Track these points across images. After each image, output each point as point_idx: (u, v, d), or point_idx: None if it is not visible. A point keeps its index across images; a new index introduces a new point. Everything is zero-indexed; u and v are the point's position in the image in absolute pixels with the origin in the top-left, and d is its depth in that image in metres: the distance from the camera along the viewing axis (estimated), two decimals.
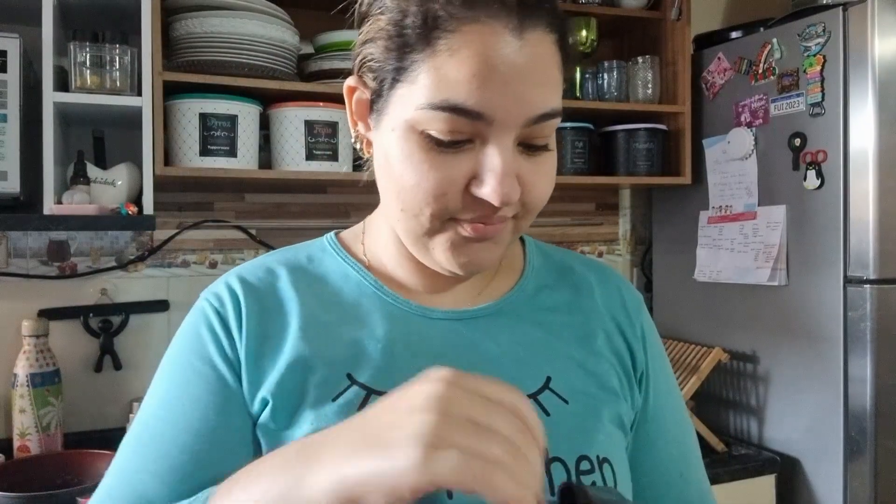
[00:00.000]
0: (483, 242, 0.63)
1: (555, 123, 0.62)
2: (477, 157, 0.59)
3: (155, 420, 0.66)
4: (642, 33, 2.20)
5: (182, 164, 1.60)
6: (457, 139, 0.59)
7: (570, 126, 1.99)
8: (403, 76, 0.60)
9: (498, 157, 0.58)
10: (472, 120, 0.58)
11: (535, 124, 0.60)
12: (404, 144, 0.60)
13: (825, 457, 1.76)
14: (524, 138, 0.61)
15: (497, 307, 0.72)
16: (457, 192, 0.60)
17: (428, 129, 0.59)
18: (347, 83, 0.68)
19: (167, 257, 1.84)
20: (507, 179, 0.58)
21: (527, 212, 0.64)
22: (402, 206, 0.63)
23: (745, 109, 1.96)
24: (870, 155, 1.65)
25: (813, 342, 1.78)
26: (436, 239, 0.63)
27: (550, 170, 0.65)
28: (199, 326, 0.69)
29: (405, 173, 0.61)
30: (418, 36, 0.59)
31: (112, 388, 1.76)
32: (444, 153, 0.59)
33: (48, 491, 1.36)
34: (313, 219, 1.99)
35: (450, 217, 0.62)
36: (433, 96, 0.58)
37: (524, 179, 0.61)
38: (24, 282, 1.71)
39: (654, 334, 0.80)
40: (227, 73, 1.59)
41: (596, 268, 0.81)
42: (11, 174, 1.42)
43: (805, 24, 1.78)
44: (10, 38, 1.42)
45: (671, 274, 2.23)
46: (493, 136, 0.59)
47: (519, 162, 0.61)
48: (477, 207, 0.61)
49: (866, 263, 1.66)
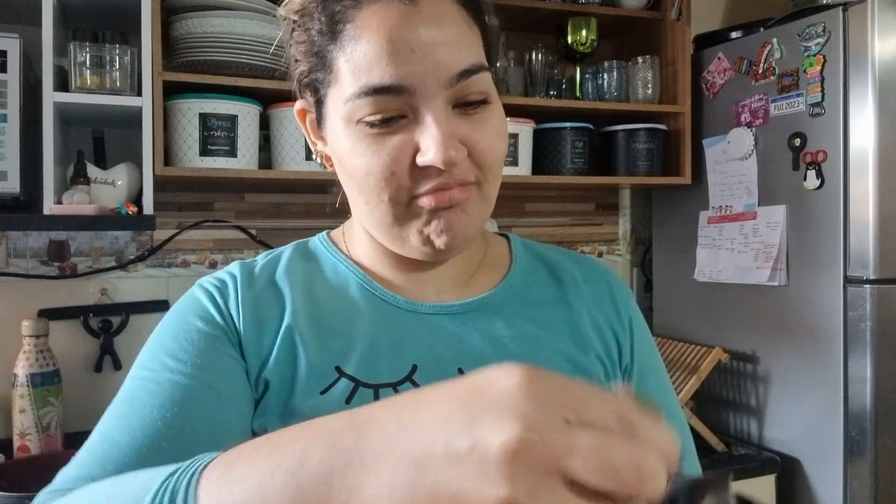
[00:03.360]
0: (451, 211, 0.63)
1: (483, 78, 0.62)
2: (414, 130, 0.61)
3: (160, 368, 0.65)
4: (642, 33, 2.20)
5: (182, 164, 1.60)
6: (389, 117, 0.60)
7: (570, 126, 1.99)
8: (330, 79, 0.63)
9: (432, 121, 0.60)
10: (396, 95, 0.59)
11: (460, 82, 0.60)
12: (347, 140, 0.63)
13: (825, 457, 1.76)
14: (456, 99, 0.61)
15: (483, 301, 0.73)
16: (405, 169, 0.61)
17: (361, 118, 0.61)
18: (296, 107, 0.71)
19: (167, 257, 1.84)
20: (446, 140, 0.59)
21: (485, 174, 0.64)
22: (364, 198, 0.64)
23: (745, 109, 1.96)
24: (870, 155, 1.65)
25: (813, 342, 1.78)
26: (407, 227, 0.64)
27: (496, 124, 0.65)
28: (200, 297, 0.69)
29: (355, 165, 0.63)
30: (327, 37, 0.62)
31: (112, 388, 1.74)
32: (383, 135, 0.61)
33: None
34: (313, 219, 1.99)
35: (410, 198, 0.62)
36: (354, 86, 0.60)
37: (468, 139, 0.62)
38: (24, 282, 1.71)
39: (642, 328, 0.80)
40: (227, 73, 1.59)
41: (583, 262, 0.82)
42: (11, 174, 1.42)
43: (805, 24, 1.78)
44: (10, 38, 1.42)
45: (671, 274, 2.23)
46: (421, 105, 0.60)
47: (458, 124, 0.62)
48: (428, 178, 0.61)
49: (866, 263, 1.66)
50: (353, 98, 0.61)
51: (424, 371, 0.68)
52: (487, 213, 0.67)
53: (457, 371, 0.68)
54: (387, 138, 0.61)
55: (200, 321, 0.67)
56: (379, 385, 0.67)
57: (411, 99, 0.60)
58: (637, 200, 2.40)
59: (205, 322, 0.67)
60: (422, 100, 0.60)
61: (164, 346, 0.66)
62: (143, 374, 0.66)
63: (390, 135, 0.61)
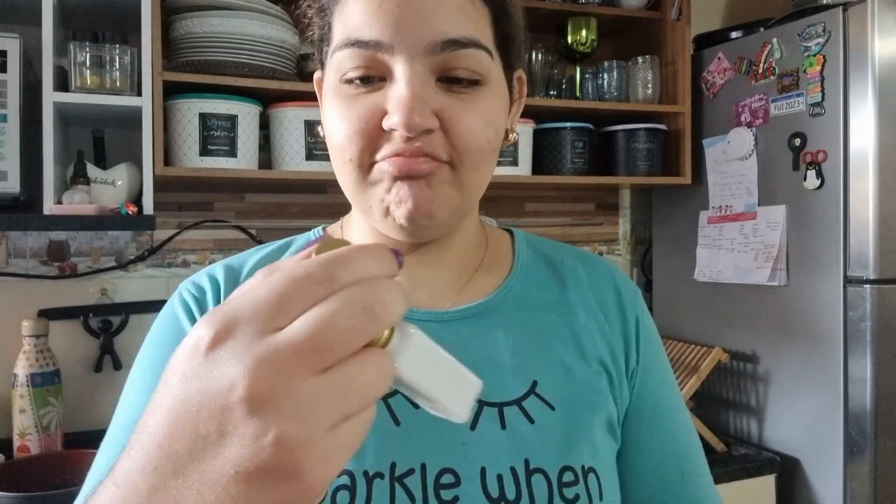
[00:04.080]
0: (415, 182, 0.59)
1: (476, 55, 0.59)
2: (388, 92, 0.58)
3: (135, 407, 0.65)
4: (642, 33, 2.20)
5: (182, 164, 1.60)
6: (368, 75, 0.59)
7: (570, 126, 1.99)
8: (330, 38, 0.62)
9: (404, 83, 0.57)
10: (374, 51, 0.57)
11: (445, 52, 0.58)
12: (331, 100, 0.62)
13: (825, 457, 1.76)
14: (441, 70, 0.59)
15: (480, 308, 0.69)
16: (370, 130, 0.59)
17: (343, 74, 0.59)
18: (315, 76, 0.69)
19: (167, 257, 1.84)
20: (413, 105, 0.56)
21: (460, 156, 0.60)
22: (335, 160, 0.63)
23: (745, 109, 1.96)
24: (870, 155, 1.65)
25: (813, 342, 1.78)
26: (369, 194, 0.61)
27: (484, 108, 0.60)
28: (178, 313, 0.68)
29: (330, 124, 0.61)
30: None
31: (112, 388, 1.76)
32: (359, 94, 0.59)
33: (48, 491, 1.36)
34: (313, 219, 1.98)
35: (371, 162, 0.60)
36: (340, 37, 0.60)
37: (445, 114, 0.58)
38: (24, 282, 1.71)
39: (649, 327, 0.76)
40: (227, 73, 1.59)
41: (589, 261, 0.78)
42: (11, 174, 1.42)
43: (805, 24, 1.78)
44: (10, 38, 1.42)
45: (671, 274, 2.23)
46: (398, 66, 0.57)
47: (439, 97, 0.58)
48: (390, 143, 0.59)
49: (866, 263, 1.66)
50: (336, 50, 0.60)
51: None
52: (463, 201, 0.62)
53: None
54: (361, 98, 0.59)
55: None
56: None
57: (390, 58, 0.57)
58: (637, 200, 2.40)
59: None
60: (398, 60, 0.57)
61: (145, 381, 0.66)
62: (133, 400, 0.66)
63: (365, 95, 0.59)
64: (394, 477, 0.61)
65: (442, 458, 0.62)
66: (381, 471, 0.61)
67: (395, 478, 0.61)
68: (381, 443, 0.61)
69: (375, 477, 0.60)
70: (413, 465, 0.61)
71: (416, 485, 0.61)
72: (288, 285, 0.33)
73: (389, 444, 0.62)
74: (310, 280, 0.33)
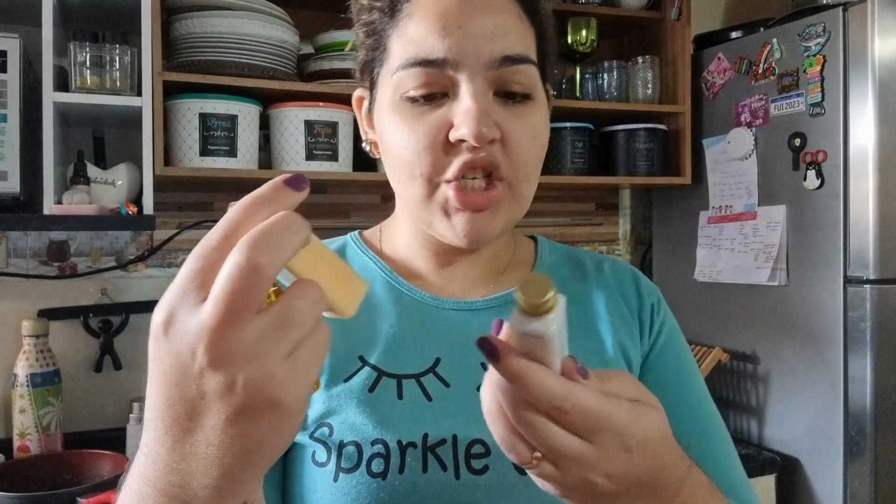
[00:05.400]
0: (480, 213, 0.64)
1: (528, 70, 0.64)
2: (452, 107, 0.63)
3: None
4: (642, 33, 2.20)
5: (182, 164, 1.60)
6: (432, 92, 0.63)
7: (570, 126, 1.99)
8: (383, 58, 0.66)
9: (469, 97, 0.61)
10: (439, 69, 0.62)
11: (503, 67, 0.62)
12: (389, 117, 0.65)
13: (825, 457, 1.76)
14: (498, 85, 0.63)
15: (505, 299, 0.73)
16: (438, 145, 0.63)
17: (405, 92, 0.63)
18: (355, 95, 0.74)
19: (167, 257, 1.84)
20: (480, 117, 0.60)
21: (515, 169, 0.64)
22: (399, 175, 0.66)
23: (745, 109, 1.96)
24: (870, 155, 1.65)
25: (813, 342, 1.78)
26: (432, 211, 0.65)
27: (534, 123, 0.66)
28: None
29: (396, 141, 0.65)
30: (387, 16, 0.66)
31: (112, 388, 1.76)
32: (423, 111, 0.63)
33: (48, 491, 1.36)
34: (313, 219, 1.96)
35: (439, 180, 0.64)
36: (402, 58, 0.63)
37: (503, 127, 0.63)
38: (24, 282, 1.71)
39: (666, 313, 0.79)
40: (227, 73, 1.59)
41: (612, 260, 0.83)
42: (11, 174, 1.42)
43: (805, 24, 1.78)
44: (10, 38, 1.41)
45: (671, 274, 2.23)
46: (462, 83, 0.62)
47: (496, 109, 0.63)
48: (459, 156, 0.62)
49: (866, 263, 1.66)
50: (399, 69, 0.63)
51: (448, 364, 0.69)
52: (520, 213, 0.68)
53: (479, 366, 0.68)
54: (426, 114, 0.63)
55: None
56: (402, 375, 0.68)
57: (454, 74, 0.62)
58: (637, 200, 2.40)
59: None
60: (463, 76, 0.62)
61: None
62: None
63: (430, 111, 0.63)
64: (426, 447, 0.65)
65: (472, 430, 0.65)
66: (413, 441, 0.65)
67: (427, 447, 0.65)
68: (414, 416, 0.66)
69: (409, 447, 0.64)
70: (445, 436, 0.65)
71: (448, 454, 0.65)
72: (195, 261, 0.39)
73: (422, 417, 0.66)
74: (208, 249, 0.38)
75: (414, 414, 0.66)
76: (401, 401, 0.67)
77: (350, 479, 0.64)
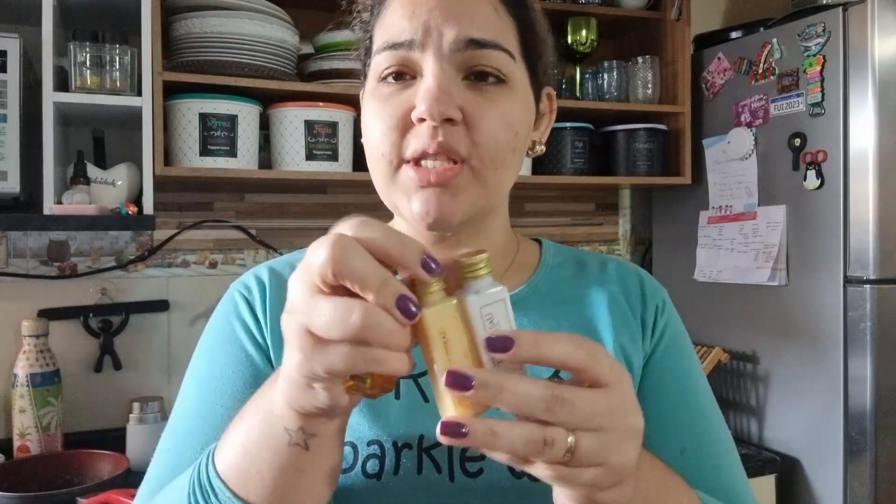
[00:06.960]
0: (439, 189, 0.62)
1: (498, 56, 0.64)
2: (418, 88, 0.63)
3: (195, 399, 0.69)
4: (642, 33, 2.20)
5: (182, 164, 1.60)
6: (401, 72, 0.64)
7: (570, 126, 1.99)
8: (371, 49, 0.68)
9: (430, 76, 0.61)
10: (407, 50, 0.63)
11: (468, 50, 0.62)
12: (369, 102, 0.66)
13: (825, 457, 1.76)
14: (466, 68, 0.63)
15: None
16: (400, 125, 0.63)
17: (378, 75, 0.65)
18: (361, 91, 0.74)
19: (167, 257, 1.84)
20: (438, 94, 0.60)
21: (479, 152, 0.63)
22: (370, 158, 0.67)
23: (745, 109, 1.96)
24: (870, 155, 1.65)
25: (813, 342, 1.78)
26: (396, 192, 0.65)
27: (505, 109, 0.64)
28: (229, 314, 0.73)
29: (368, 124, 0.66)
30: (373, 14, 0.68)
31: (112, 388, 1.76)
32: (393, 92, 0.64)
33: (48, 491, 1.36)
34: (313, 219, 1.99)
35: (399, 160, 0.63)
36: (378, 45, 0.65)
37: (469, 110, 0.62)
38: (24, 282, 1.71)
39: (671, 315, 0.78)
40: (227, 73, 1.59)
41: (618, 261, 0.82)
42: (11, 174, 1.42)
43: (805, 24, 1.78)
44: (10, 38, 1.42)
45: (671, 274, 2.23)
46: (427, 63, 0.62)
47: (464, 93, 0.62)
48: (418, 137, 0.62)
49: (866, 263, 1.66)
50: (375, 55, 0.65)
51: None
52: (487, 199, 0.65)
53: None
54: (394, 96, 0.63)
55: (231, 344, 0.71)
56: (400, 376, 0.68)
57: (420, 55, 0.62)
58: (637, 200, 2.40)
59: (235, 346, 0.71)
60: (428, 57, 0.62)
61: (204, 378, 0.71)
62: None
63: (398, 93, 0.63)
64: (421, 448, 0.64)
65: None
66: (409, 442, 0.65)
67: (422, 449, 0.64)
68: (410, 418, 0.66)
69: (404, 447, 0.64)
70: None
71: (443, 456, 0.65)
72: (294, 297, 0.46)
73: (418, 418, 0.66)
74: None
75: (410, 415, 0.66)
76: (397, 401, 0.67)
77: (345, 479, 0.64)
